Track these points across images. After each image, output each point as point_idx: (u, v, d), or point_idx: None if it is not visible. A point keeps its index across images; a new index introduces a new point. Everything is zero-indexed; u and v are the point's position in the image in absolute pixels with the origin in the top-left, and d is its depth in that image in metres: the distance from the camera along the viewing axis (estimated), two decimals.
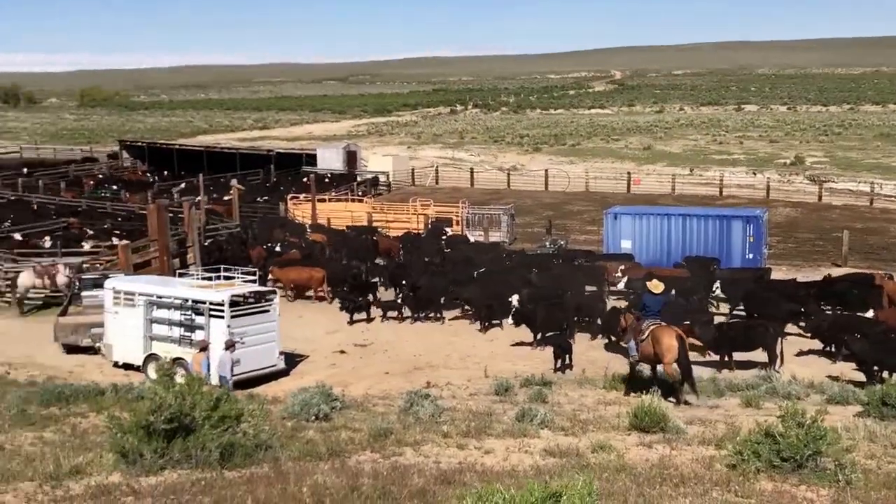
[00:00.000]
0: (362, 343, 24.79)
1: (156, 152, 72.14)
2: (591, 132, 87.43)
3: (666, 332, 16.74)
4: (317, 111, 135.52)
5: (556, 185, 56.96)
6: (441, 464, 11.12)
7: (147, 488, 9.60)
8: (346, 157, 62.40)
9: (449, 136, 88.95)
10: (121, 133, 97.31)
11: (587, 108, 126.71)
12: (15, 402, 14.69)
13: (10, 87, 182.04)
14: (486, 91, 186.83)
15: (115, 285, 23.07)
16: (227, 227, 41.10)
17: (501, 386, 17.32)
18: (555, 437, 12.89)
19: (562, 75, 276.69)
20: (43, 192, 55.02)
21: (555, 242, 34.66)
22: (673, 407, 14.40)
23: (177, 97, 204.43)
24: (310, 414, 13.88)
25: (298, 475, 10.03)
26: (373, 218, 42.68)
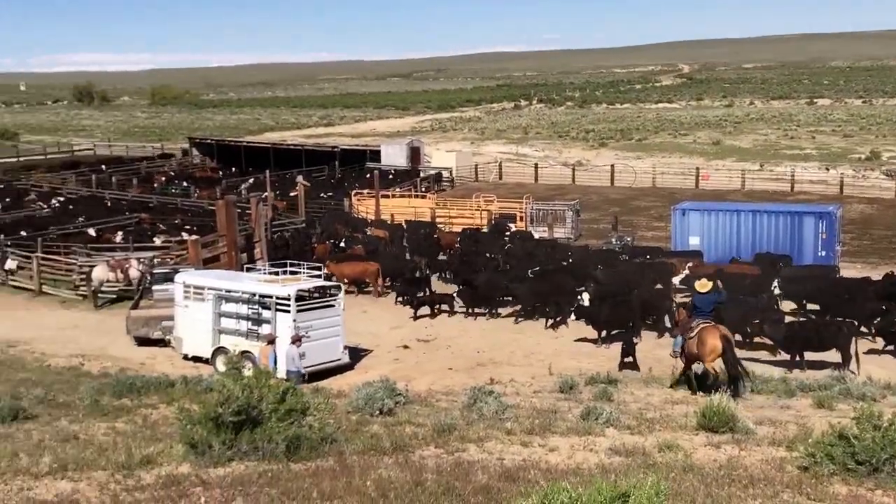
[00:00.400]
0: (426, 338, 24.87)
1: (224, 149, 73.43)
2: (659, 127, 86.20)
3: (712, 333, 16.84)
4: (381, 108, 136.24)
5: (623, 181, 56.37)
6: (505, 461, 11.06)
7: (215, 479, 9.75)
8: (410, 153, 62.61)
9: (513, 131, 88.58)
10: (190, 131, 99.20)
11: (654, 102, 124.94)
12: (89, 393, 15.04)
13: (84, 86, 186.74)
14: (550, 86, 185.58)
15: (185, 279, 23.49)
16: (293, 223, 41.61)
17: (566, 384, 17.17)
18: (620, 435, 12.73)
19: (628, 69, 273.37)
20: (116, 188, 56.45)
21: (621, 239, 34.27)
22: (743, 407, 14.09)
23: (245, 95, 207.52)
24: (374, 408, 13.94)
25: (363, 469, 10.09)
26: (436, 214, 42.76)
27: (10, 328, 26.81)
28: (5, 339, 24.58)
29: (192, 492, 9.36)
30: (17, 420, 13.14)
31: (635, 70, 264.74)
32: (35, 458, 10.89)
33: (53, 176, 63.00)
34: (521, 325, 25.96)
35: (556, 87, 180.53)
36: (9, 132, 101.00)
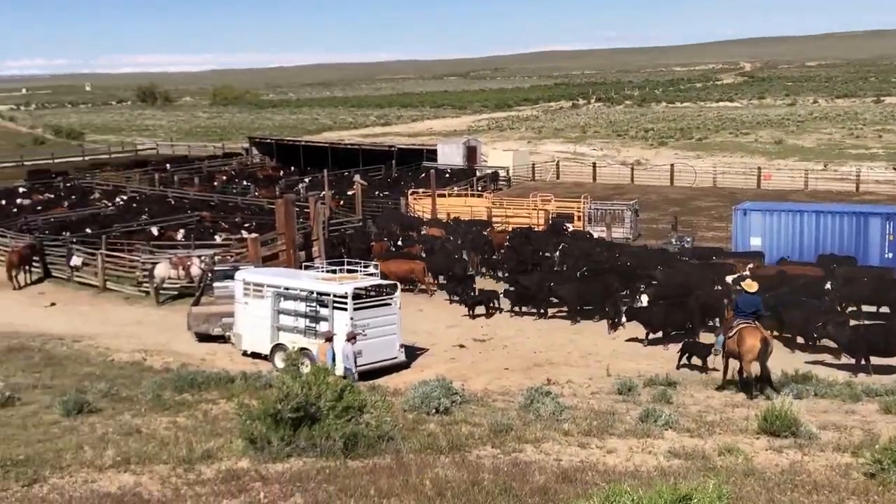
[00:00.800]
0: (481, 338, 24.82)
1: (283, 149, 74.27)
2: (719, 126, 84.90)
3: (751, 333, 17.02)
4: (438, 107, 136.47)
5: (682, 181, 55.63)
6: (562, 462, 10.99)
7: (274, 475, 9.85)
8: (467, 152, 62.58)
9: (571, 130, 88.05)
10: (250, 130, 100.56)
11: (715, 101, 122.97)
12: (151, 388, 15.31)
13: (148, 87, 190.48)
14: (609, 84, 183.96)
15: (245, 277, 23.76)
16: (350, 222, 41.90)
17: (624, 385, 16.99)
18: (680, 438, 12.56)
19: (688, 67, 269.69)
20: (178, 187, 57.48)
21: (680, 239, 33.80)
22: (806, 411, 13.79)
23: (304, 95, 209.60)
24: (430, 407, 13.94)
25: (420, 467, 10.10)
26: (492, 213, 42.68)
27: (76, 323, 27.45)
28: (71, 333, 25.15)
29: (251, 487, 9.47)
30: (81, 413, 13.44)
31: (696, 68, 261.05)
32: (99, 451, 11.12)
33: (118, 174, 64.38)
34: (578, 325, 25.78)
35: (614, 85, 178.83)
36: (75, 132, 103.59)
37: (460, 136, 78.91)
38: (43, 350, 21.37)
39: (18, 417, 13.34)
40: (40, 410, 13.82)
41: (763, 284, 25.38)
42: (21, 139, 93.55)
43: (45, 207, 47.60)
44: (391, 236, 36.70)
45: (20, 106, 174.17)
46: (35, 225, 41.63)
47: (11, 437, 12.10)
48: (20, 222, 41.80)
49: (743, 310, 17.61)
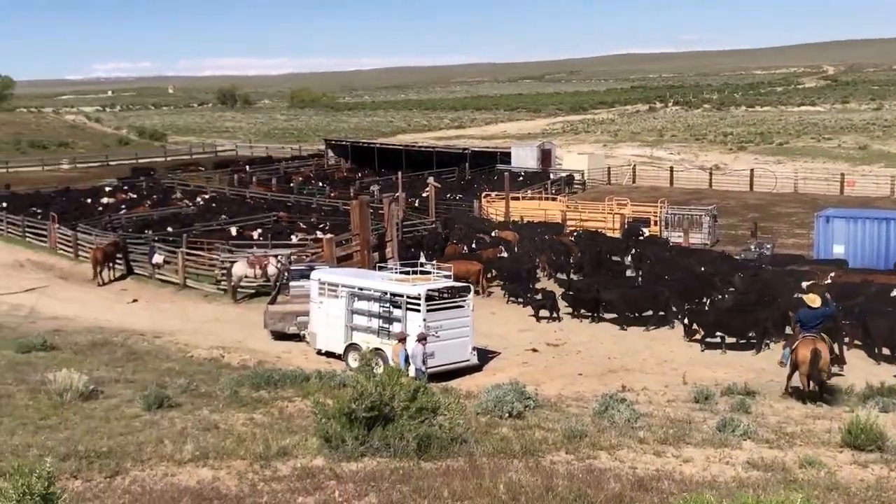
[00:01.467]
0: (555, 343, 24.62)
1: (358, 150, 74.98)
2: (801, 130, 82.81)
3: (805, 345, 17.34)
4: (512, 110, 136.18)
5: (762, 186, 54.40)
6: (637, 470, 10.83)
7: (348, 473, 9.91)
8: (541, 155, 62.27)
9: (647, 133, 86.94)
10: (326, 132, 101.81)
11: (796, 105, 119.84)
12: (229, 384, 15.55)
13: (228, 89, 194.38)
14: (687, 88, 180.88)
15: (321, 277, 24.01)
16: (423, 224, 42.06)
17: (701, 393, 16.67)
18: (758, 449, 12.27)
19: (769, 71, 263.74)
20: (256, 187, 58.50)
21: (760, 246, 33.02)
22: (892, 425, 13.35)
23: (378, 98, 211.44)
24: (503, 411, 13.85)
25: (493, 471, 10.04)
26: (566, 216, 42.38)
27: (157, 319, 28.14)
28: (152, 329, 25.77)
29: (326, 485, 9.54)
30: (162, 408, 13.71)
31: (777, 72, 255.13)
32: (178, 445, 11.33)
33: (199, 175, 65.85)
34: (653, 332, 25.38)
35: (693, 88, 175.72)
36: (158, 133, 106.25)
37: (534, 139, 78.63)
38: (125, 345, 21.91)
39: (101, 410, 13.67)
40: (122, 404, 14.15)
41: (847, 293, 24.84)
42: (106, 140, 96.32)
43: (128, 206, 48.89)
44: (465, 238, 36.70)
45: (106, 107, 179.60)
46: (119, 223, 42.81)
47: (95, 429, 12.41)
48: (104, 220, 43.01)
49: (806, 323, 17.74)
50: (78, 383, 14.33)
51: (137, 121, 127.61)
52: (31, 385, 15.07)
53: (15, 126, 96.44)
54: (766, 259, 31.77)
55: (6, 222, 44.16)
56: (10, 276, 36.07)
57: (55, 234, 40.32)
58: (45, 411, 13.51)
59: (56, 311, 29.20)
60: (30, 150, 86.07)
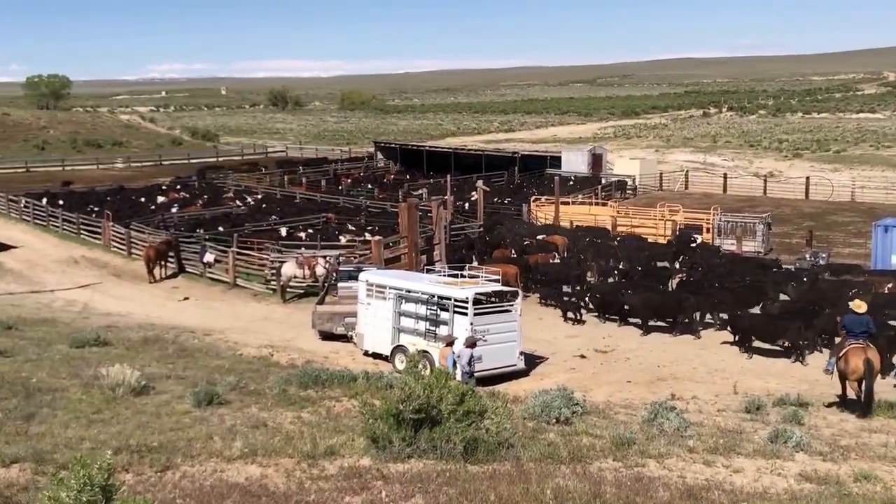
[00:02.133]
0: (603, 349, 24.41)
1: (407, 153, 75.25)
2: (859, 138, 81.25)
3: (855, 354, 17.01)
4: (562, 113, 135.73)
5: (818, 194, 53.36)
6: (686, 479, 10.70)
7: (395, 474, 9.91)
8: (592, 159, 61.88)
9: (701, 139, 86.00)
10: (376, 135, 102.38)
11: (855, 112, 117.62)
12: (277, 383, 15.67)
13: (279, 91, 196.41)
14: (742, 93, 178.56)
15: (368, 278, 24.09)
16: (471, 227, 42.03)
17: (752, 404, 16.37)
18: (811, 461, 12.05)
19: (827, 77, 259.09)
20: (306, 188, 59.00)
21: (815, 255, 32.39)
22: None
23: (428, 101, 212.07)
24: (550, 416, 13.76)
25: (540, 476, 9.98)
26: (617, 222, 42.05)
27: (207, 318, 28.47)
28: (202, 327, 26.08)
29: (373, 485, 9.55)
30: (211, 404, 13.85)
31: (835, 78, 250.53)
32: (227, 441, 11.44)
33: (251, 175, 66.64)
34: (704, 340, 25.02)
35: (748, 94, 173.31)
36: (210, 133, 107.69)
37: (585, 143, 78.17)
38: (176, 342, 22.19)
39: (153, 406, 13.86)
40: (173, 400, 14.32)
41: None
42: (160, 139, 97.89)
43: (181, 206, 49.61)
44: (513, 243, 36.56)
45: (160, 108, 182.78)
46: (171, 222, 43.45)
47: (146, 424, 12.58)
48: (157, 219, 43.70)
49: (852, 330, 17.46)
50: (130, 378, 14.53)
51: (190, 121, 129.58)
52: (85, 379, 15.32)
53: (71, 125, 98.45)
54: (821, 268, 31.17)
55: (62, 219, 45.07)
56: (65, 272, 36.83)
57: (109, 231, 41.06)
58: (97, 405, 13.73)
59: (109, 307, 29.73)
60: (85, 149, 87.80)
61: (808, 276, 29.45)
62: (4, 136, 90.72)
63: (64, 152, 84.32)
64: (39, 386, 14.88)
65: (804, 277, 29.27)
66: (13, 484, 9.46)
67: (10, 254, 39.68)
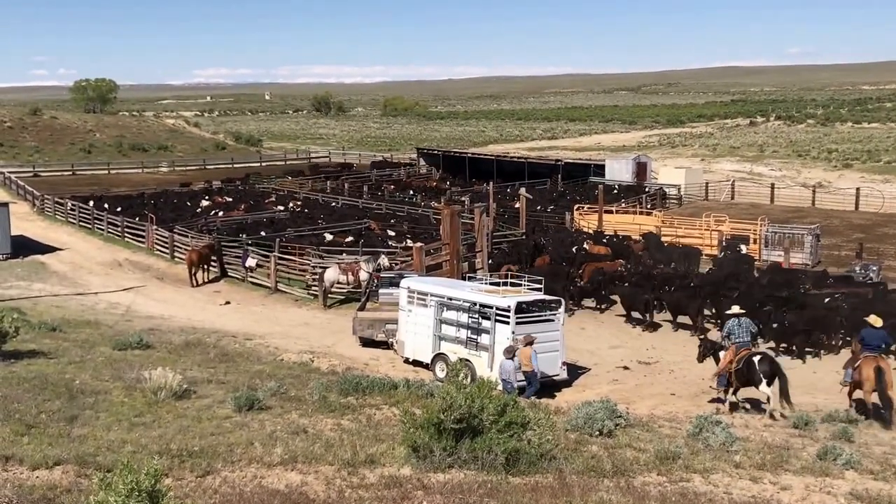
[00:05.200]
0: (647, 361, 24.08)
1: (450, 160, 75.28)
2: None
3: (868, 364, 17.85)
4: (606, 121, 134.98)
5: (869, 206, 52.26)
6: (733, 495, 10.48)
7: (436, 484, 9.80)
8: (636, 168, 61.35)
9: (747, 149, 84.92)
10: (418, 141, 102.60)
11: None
12: (318, 389, 15.61)
13: (322, 97, 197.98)
14: (790, 102, 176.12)
15: (410, 285, 23.99)
16: (514, 235, 41.81)
17: (800, 419, 15.98)
18: (862, 480, 11.73)
19: (878, 86, 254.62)
20: (347, 194, 59.25)
21: (865, 267, 31.68)
22: None
23: (471, 108, 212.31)
24: (593, 428, 13.55)
25: (583, 490, 9.82)
26: (661, 231, 41.57)
27: (248, 322, 28.60)
28: (244, 332, 26.19)
29: (413, 495, 9.45)
30: (252, 410, 13.84)
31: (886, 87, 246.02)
32: (268, 447, 11.41)
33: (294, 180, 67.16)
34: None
35: (796, 103, 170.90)
36: (254, 138, 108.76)
37: (629, 151, 77.62)
38: (217, 346, 22.27)
39: (194, 410, 13.88)
40: (214, 405, 14.33)
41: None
42: (204, 144, 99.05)
43: (224, 210, 50.07)
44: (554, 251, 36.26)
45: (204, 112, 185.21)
46: (214, 226, 43.85)
47: (187, 428, 12.59)
48: (200, 223, 44.12)
49: (869, 343, 18.29)
50: (172, 382, 14.58)
51: (234, 126, 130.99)
52: (127, 382, 15.41)
53: (117, 129, 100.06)
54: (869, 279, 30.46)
55: (107, 222, 45.70)
56: (109, 274, 37.30)
57: (153, 235, 41.54)
58: (139, 408, 13.79)
59: (151, 310, 30.01)
60: (131, 153, 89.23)
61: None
62: (52, 139, 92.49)
63: (110, 156, 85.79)
64: (82, 388, 14.98)
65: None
66: (56, 486, 9.50)
67: (55, 256, 40.32)
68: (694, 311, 26.75)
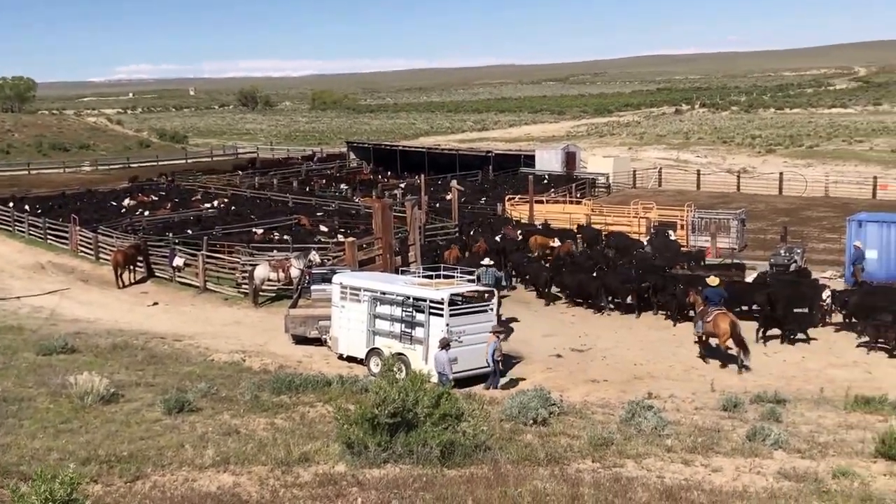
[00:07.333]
0: (580, 348, 24.31)
1: (380, 153, 75.00)
2: (832, 133, 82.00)
3: (723, 318, 21.70)
4: (536, 112, 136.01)
5: (792, 190, 53.70)
6: (665, 479, 10.63)
7: (371, 480, 9.74)
8: (565, 158, 61.97)
9: (673, 136, 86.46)
10: (348, 134, 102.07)
11: (827, 107, 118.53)
12: (249, 389, 15.41)
13: (249, 91, 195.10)
14: (714, 90, 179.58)
15: (342, 280, 23.83)
16: (446, 227, 41.84)
17: (730, 401, 16.27)
18: (790, 459, 12.02)
19: (799, 72, 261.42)
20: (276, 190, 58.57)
21: (790, 251, 32.50)
22: None
23: (401, 100, 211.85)
24: (528, 417, 13.64)
25: (518, 479, 9.87)
26: (591, 220, 42.05)
27: (178, 323, 28.08)
28: (173, 332, 25.71)
29: (348, 492, 9.39)
30: (182, 412, 13.61)
31: (806, 73, 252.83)
32: (199, 450, 11.23)
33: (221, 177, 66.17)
34: (680, 338, 24.98)
35: (720, 90, 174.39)
36: (178, 135, 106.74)
37: (559, 141, 78.31)
38: (146, 348, 21.86)
39: (122, 414, 13.59)
40: (143, 408, 14.06)
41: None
42: (127, 142, 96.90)
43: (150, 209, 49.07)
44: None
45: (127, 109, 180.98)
46: (140, 226, 42.90)
47: (115, 433, 12.33)
48: (125, 223, 43.13)
49: (712, 299, 22.61)
50: (99, 386, 14.26)
51: (158, 123, 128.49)
52: (52, 388, 15.04)
53: (37, 128, 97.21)
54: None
55: (28, 224, 44.40)
56: (32, 278, 36.25)
57: (76, 236, 40.50)
58: (65, 415, 13.47)
59: (77, 313, 29.26)
60: (51, 153, 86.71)
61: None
62: None
63: (29, 156, 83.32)
64: (5, 396, 14.58)
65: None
66: None
67: None
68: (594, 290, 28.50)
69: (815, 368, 21.47)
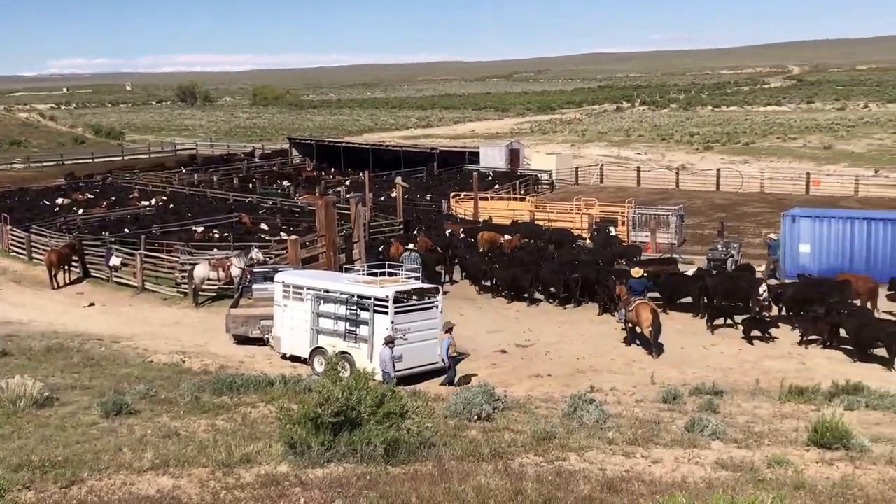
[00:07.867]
0: (524, 344, 24.47)
1: (324, 150, 74.50)
2: (767, 130, 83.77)
3: (644, 307, 22.90)
4: (480, 109, 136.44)
5: (729, 186, 54.71)
6: (607, 471, 10.74)
7: (314, 480, 9.68)
8: (509, 154, 62.32)
9: (614, 133, 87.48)
10: (290, 131, 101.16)
11: (762, 104, 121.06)
12: (189, 390, 15.18)
13: (188, 86, 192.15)
14: (654, 88, 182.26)
15: (285, 279, 23.62)
16: (391, 224, 41.76)
17: (669, 394, 16.57)
18: (727, 449, 12.25)
19: (735, 71, 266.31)
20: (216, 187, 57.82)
21: (727, 245, 33.14)
22: (857, 423, 13.39)
23: (344, 96, 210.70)
24: (472, 413, 13.69)
25: (462, 475, 9.88)
26: (535, 216, 42.34)
27: (115, 324, 27.60)
28: (110, 334, 25.27)
29: (291, 492, 9.31)
30: (120, 415, 13.37)
31: (742, 72, 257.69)
32: (137, 453, 11.03)
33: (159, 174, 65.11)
34: (620, 332, 25.29)
35: (659, 88, 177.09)
36: (115, 131, 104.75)
37: (503, 138, 78.69)
38: (82, 350, 21.45)
39: (57, 418, 13.30)
40: (79, 411, 13.78)
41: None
42: (61, 138, 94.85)
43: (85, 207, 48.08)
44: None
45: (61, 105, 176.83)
46: (74, 224, 42.01)
47: (50, 437, 12.06)
48: (59, 222, 42.20)
49: (636, 289, 23.90)
50: (32, 390, 13.95)
51: (94, 119, 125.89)
52: None
53: None
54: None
55: None
56: None
57: (7, 235, 39.48)
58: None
59: (9, 315, 28.60)
60: None
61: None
62: None
63: None
64: None
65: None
66: None
67: None
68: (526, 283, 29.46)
69: (751, 360, 21.94)
